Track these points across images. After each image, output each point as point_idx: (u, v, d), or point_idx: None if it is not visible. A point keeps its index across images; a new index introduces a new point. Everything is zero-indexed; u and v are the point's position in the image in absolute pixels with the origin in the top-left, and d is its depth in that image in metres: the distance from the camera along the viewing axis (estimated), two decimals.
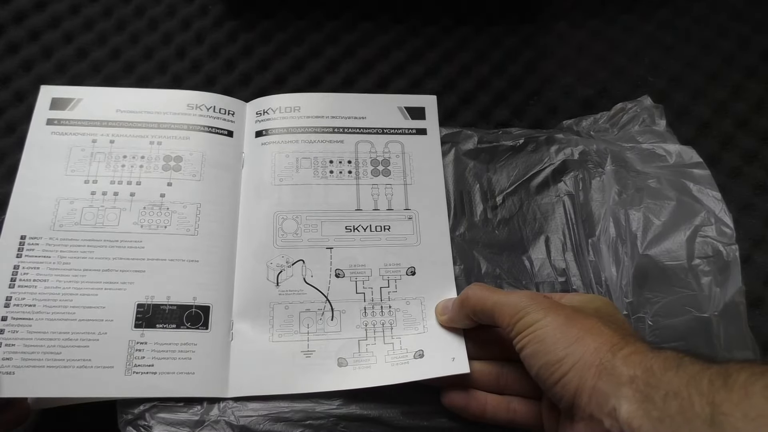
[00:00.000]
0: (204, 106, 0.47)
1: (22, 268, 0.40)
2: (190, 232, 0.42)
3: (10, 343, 0.37)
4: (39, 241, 0.41)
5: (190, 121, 0.46)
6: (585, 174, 0.47)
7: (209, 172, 0.44)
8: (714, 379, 0.27)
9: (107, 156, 0.44)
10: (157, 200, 0.43)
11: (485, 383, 0.38)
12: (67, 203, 0.42)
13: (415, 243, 0.43)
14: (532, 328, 0.33)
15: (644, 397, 0.28)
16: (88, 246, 0.41)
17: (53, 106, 0.46)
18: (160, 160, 0.44)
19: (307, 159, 0.46)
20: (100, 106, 0.46)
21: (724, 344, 0.38)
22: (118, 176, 0.44)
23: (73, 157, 0.44)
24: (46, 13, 0.56)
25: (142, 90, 0.48)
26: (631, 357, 0.30)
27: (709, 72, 0.55)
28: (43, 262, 0.40)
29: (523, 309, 0.34)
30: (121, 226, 0.42)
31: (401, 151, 0.47)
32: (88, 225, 0.42)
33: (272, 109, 0.47)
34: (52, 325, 0.38)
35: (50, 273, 0.40)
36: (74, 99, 0.46)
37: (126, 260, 0.41)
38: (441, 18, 0.57)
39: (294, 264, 0.42)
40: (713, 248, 0.41)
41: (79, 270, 0.40)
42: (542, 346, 0.32)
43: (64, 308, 0.39)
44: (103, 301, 0.39)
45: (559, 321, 0.33)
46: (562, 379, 0.31)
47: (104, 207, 0.42)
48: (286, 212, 0.44)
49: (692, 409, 0.26)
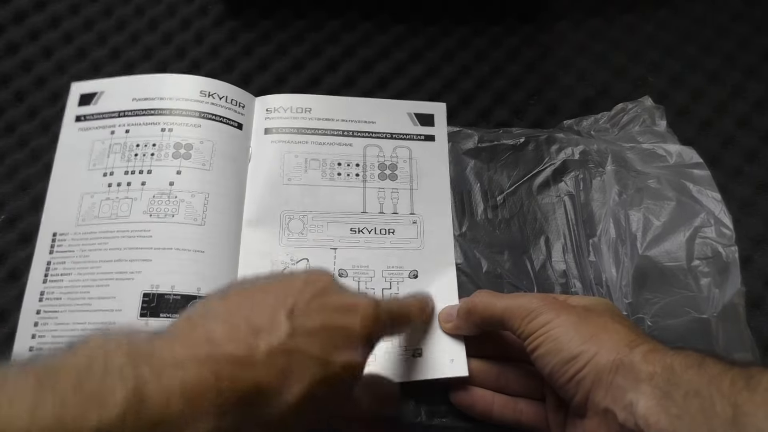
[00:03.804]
0: (217, 94, 0.46)
1: (52, 264, 0.41)
2: (197, 222, 0.42)
3: (42, 335, 0.39)
4: (66, 237, 0.42)
5: (203, 108, 0.46)
6: (585, 174, 0.47)
7: (219, 162, 0.44)
8: (736, 380, 0.27)
9: (123, 146, 0.44)
10: (166, 188, 0.43)
11: (484, 381, 0.38)
12: (89, 198, 0.43)
13: (418, 247, 0.44)
14: (546, 328, 0.33)
15: (663, 394, 0.28)
16: (104, 238, 0.41)
17: (81, 102, 0.46)
18: (171, 148, 0.44)
19: (315, 160, 0.46)
20: (119, 96, 0.46)
21: (722, 345, 0.39)
22: (131, 166, 0.44)
23: (95, 151, 0.44)
24: (46, 13, 0.56)
25: (157, 75, 0.48)
26: (650, 354, 0.30)
27: (709, 72, 0.55)
28: (69, 256, 0.41)
29: (535, 310, 0.34)
30: (132, 216, 0.42)
31: (409, 157, 0.47)
32: (105, 217, 0.42)
33: (283, 107, 0.48)
34: (73, 316, 0.39)
35: (73, 267, 0.41)
36: (98, 92, 0.46)
37: (135, 250, 0.41)
38: (441, 18, 0.57)
39: (298, 262, 0.42)
40: (713, 249, 0.41)
41: (95, 262, 0.41)
42: (556, 344, 0.32)
43: (83, 300, 0.40)
44: (113, 291, 0.40)
45: (572, 319, 0.33)
46: (577, 375, 0.31)
47: (118, 198, 0.43)
48: (293, 212, 0.44)
49: (713, 408, 0.26)
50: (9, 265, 0.45)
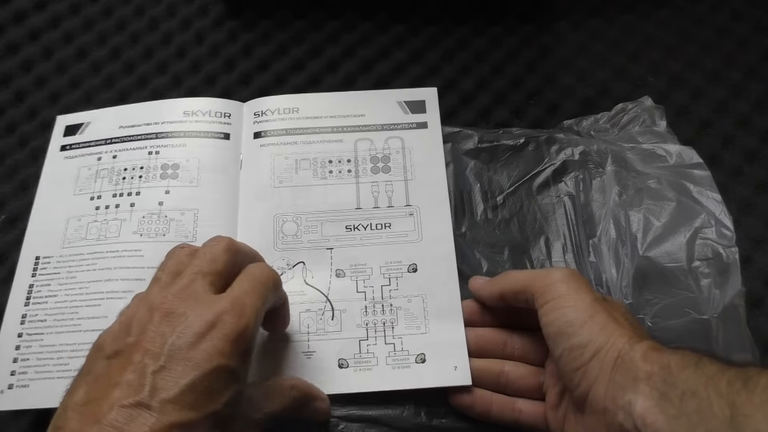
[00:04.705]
0: (200, 111, 0.47)
1: (35, 286, 0.41)
2: (188, 239, 0.42)
3: (25, 358, 0.39)
4: (51, 259, 0.42)
5: (186, 128, 0.46)
6: (585, 174, 0.47)
7: (206, 177, 0.45)
8: (733, 380, 0.27)
9: (110, 171, 0.45)
10: (156, 209, 0.43)
11: (485, 381, 0.38)
12: (75, 221, 0.43)
13: (416, 239, 0.43)
14: (561, 300, 0.33)
15: (661, 394, 0.28)
16: (92, 258, 0.42)
17: (66, 133, 0.47)
18: (158, 169, 0.45)
19: (306, 160, 0.46)
20: (105, 125, 0.47)
21: (722, 346, 0.38)
22: (119, 189, 0.44)
23: (81, 176, 0.45)
24: (46, 13, 0.56)
25: (142, 104, 0.48)
26: (649, 353, 0.30)
27: (709, 72, 0.55)
28: (54, 278, 0.41)
29: (557, 278, 0.35)
30: (121, 237, 0.42)
31: (401, 147, 0.47)
32: (92, 239, 0.43)
33: (270, 110, 0.48)
34: (60, 337, 0.39)
35: (60, 288, 0.41)
36: (84, 123, 0.47)
37: (126, 269, 0.41)
38: (441, 18, 0.57)
39: (294, 266, 0.42)
40: (713, 250, 0.41)
41: (84, 282, 0.41)
42: (569, 327, 0.33)
43: (71, 320, 0.40)
44: (104, 311, 0.40)
45: (588, 300, 0.33)
46: (583, 367, 0.32)
47: (107, 220, 0.43)
48: (286, 215, 0.44)
49: (711, 409, 0.26)
50: (9, 265, 0.45)
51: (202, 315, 0.29)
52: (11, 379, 0.38)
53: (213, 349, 0.29)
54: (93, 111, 0.48)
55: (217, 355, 0.28)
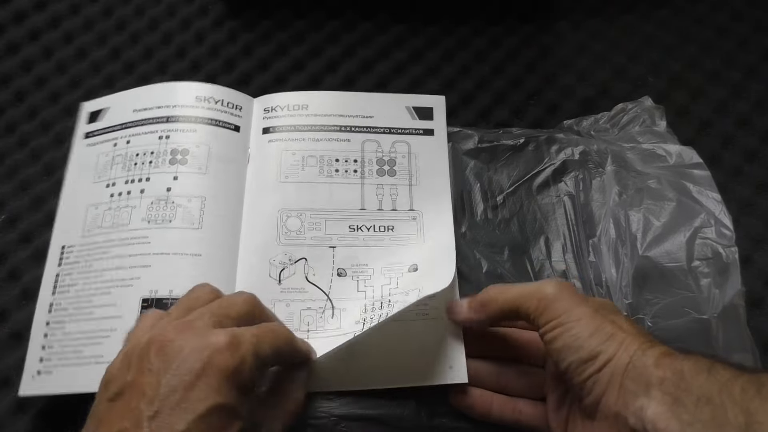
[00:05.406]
0: (212, 98, 0.47)
1: (60, 275, 0.42)
2: (194, 226, 0.42)
3: (50, 346, 0.40)
4: (73, 248, 0.42)
5: (198, 113, 0.46)
6: (585, 174, 0.47)
7: (215, 165, 0.44)
8: (746, 387, 0.27)
9: (124, 157, 0.45)
10: (164, 195, 0.43)
11: (484, 382, 0.38)
12: (93, 209, 0.43)
13: (419, 244, 0.43)
14: (563, 318, 0.32)
15: (674, 400, 0.28)
16: (106, 247, 0.42)
17: (90, 120, 0.47)
18: (168, 155, 0.44)
19: (313, 157, 0.46)
20: (121, 109, 0.47)
21: (722, 346, 0.39)
22: (131, 175, 0.44)
23: (100, 164, 0.45)
24: (46, 13, 0.56)
25: (157, 85, 0.48)
26: (661, 358, 0.30)
27: (709, 72, 0.55)
28: (75, 267, 0.42)
29: (550, 296, 0.33)
30: (131, 224, 0.42)
31: (407, 152, 0.47)
32: (107, 227, 0.43)
33: (280, 106, 0.47)
34: (77, 325, 0.40)
35: (79, 277, 0.41)
36: (103, 109, 0.47)
37: (134, 256, 0.41)
38: (441, 18, 0.57)
39: (296, 262, 0.42)
40: (713, 250, 0.41)
41: (98, 271, 0.41)
42: (575, 340, 0.32)
43: (86, 308, 0.40)
44: (114, 298, 0.40)
45: (590, 313, 0.32)
46: (594, 376, 0.31)
47: (119, 207, 0.43)
48: (291, 210, 0.44)
49: (725, 415, 0.26)
50: (9, 265, 0.45)
51: (196, 348, 0.29)
52: (39, 365, 0.39)
53: (208, 387, 0.28)
54: (112, 95, 0.48)
55: (213, 394, 0.28)
